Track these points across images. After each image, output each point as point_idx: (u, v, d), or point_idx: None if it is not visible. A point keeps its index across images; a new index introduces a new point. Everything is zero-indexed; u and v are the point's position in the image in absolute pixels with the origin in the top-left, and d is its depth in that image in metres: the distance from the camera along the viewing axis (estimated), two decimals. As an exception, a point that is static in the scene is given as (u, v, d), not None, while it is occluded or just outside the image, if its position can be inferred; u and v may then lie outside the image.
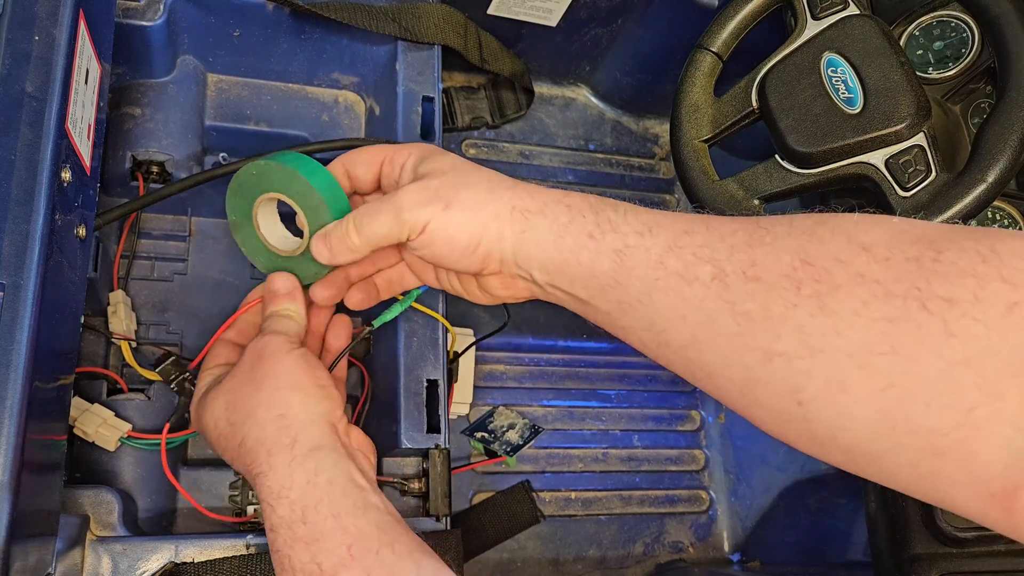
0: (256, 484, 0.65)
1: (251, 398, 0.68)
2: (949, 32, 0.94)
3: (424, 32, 1.01)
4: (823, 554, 1.21)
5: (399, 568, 0.58)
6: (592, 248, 0.59)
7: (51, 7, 0.65)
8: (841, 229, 0.49)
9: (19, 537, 0.55)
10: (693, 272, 0.53)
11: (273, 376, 0.69)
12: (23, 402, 0.56)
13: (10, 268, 0.58)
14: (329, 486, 0.62)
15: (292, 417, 0.66)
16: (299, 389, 0.68)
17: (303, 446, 0.65)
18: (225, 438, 0.69)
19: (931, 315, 0.43)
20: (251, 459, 0.66)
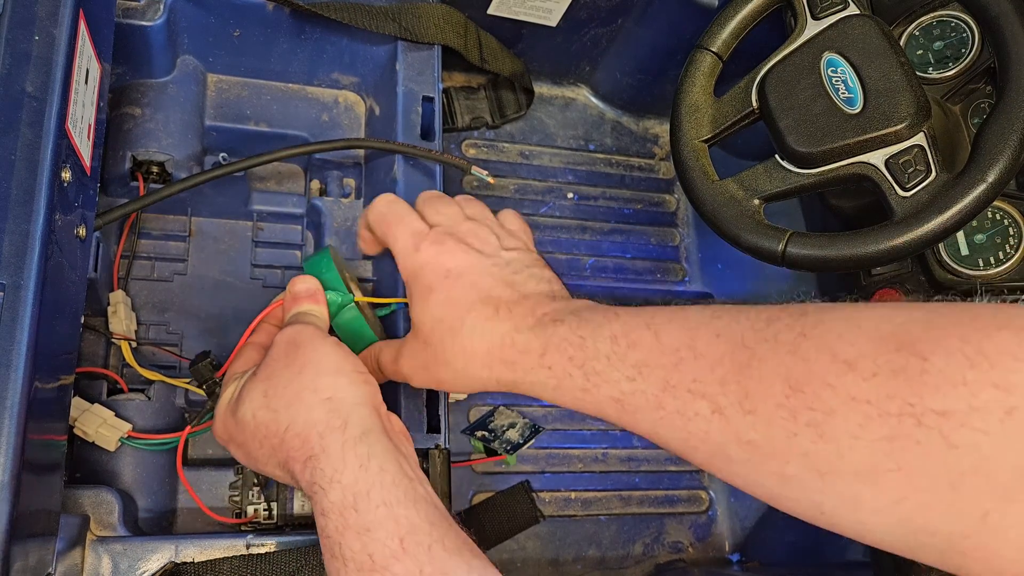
0: (306, 469, 0.64)
1: (293, 382, 0.67)
2: (949, 32, 0.94)
3: (424, 32, 1.01)
4: (822, 554, 1.20)
5: (451, 566, 0.58)
6: (590, 401, 0.61)
7: (51, 7, 0.65)
8: (825, 346, 0.49)
9: (19, 537, 0.55)
10: (692, 408, 0.54)
11: (314, 361, 0.68)
12: (23, 402, 0.56)
13: (10, 268, 0.58)
14: (380, 473, 0.62)
15: (340, 400, 0.66)
16: (342, 373, 0.68)
17: (354, 428, 0.64)
18: (265, 427, 0.67)
19: (929, 430, 0.43)
20: (300, 443, 0.65)
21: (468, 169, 0.93)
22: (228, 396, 0.74)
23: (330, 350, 0.70)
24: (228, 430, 0.72)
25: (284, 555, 0.77)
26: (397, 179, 0.96)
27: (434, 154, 0.95)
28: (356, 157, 1.07)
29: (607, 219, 1.36)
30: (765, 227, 0.85)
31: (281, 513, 0.88)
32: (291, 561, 0.76)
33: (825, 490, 0.48)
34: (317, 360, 0.68)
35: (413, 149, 0.95)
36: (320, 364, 0.68)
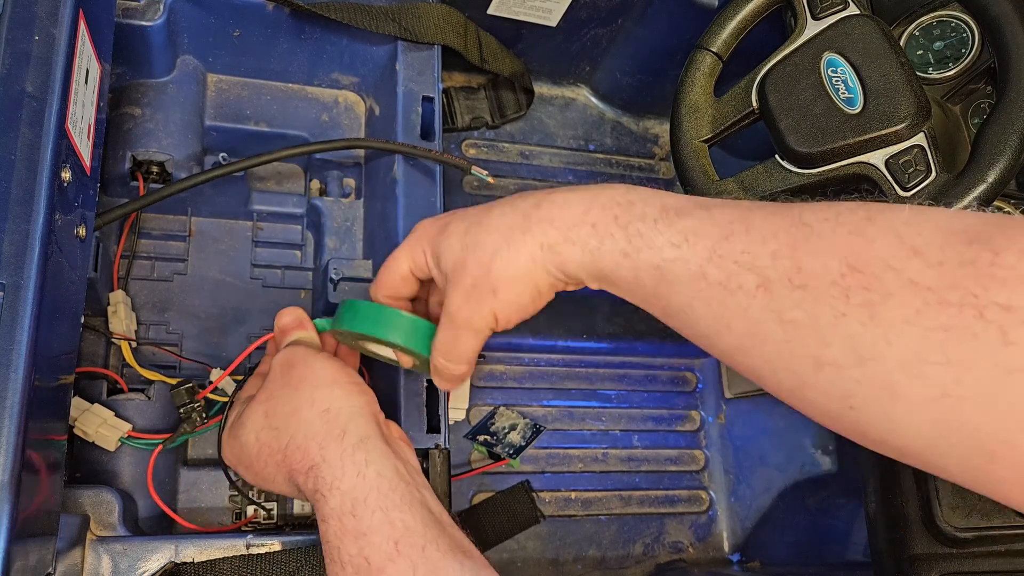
0: (308, 479, 0.65)
1: (292, 400, 0.69)
2: (949, 32, 0.94)
3: (424, 32, 1.01)
4: (822, 554, 1.21)
5: (443, 565, 0.59)
6: (629, 266, 0.57)
7: (51, 7, 0.65)
8: (891, 229, 0.47)
9: (19, 537, 0.55)
10: (736, 282, 0.51)
11: (309, 376, 0.70)
12: (23, 402, 0.56)
13: (10, 268, 0.58)
14: (378, 479, 0.63)
15: (337, 411, 0.67)
16: (336, 385, 0.69)
17: (352, 436, 0.66)
18: (268, 446, 0.69)
19: (988, 323, 0.41)
20: (301, 455, 0.66)
21: (468, 169, 0.93)
22: (231, 421, 0.75)
23: (324, 364, 0.71)
24: (234, 453, 0.74)
25: (284, 555, 0.77)
26: (397, 179, 0.96)
27: (434, 154, 0.95)
28: (356, 157, 1.07)
29: (607, 219, 1.36)
30: (765, 227, 0.85)
31: (281, 513, 0.88)
32: (291, 561, 0.76)
33: (862, 379, 0.45)
34: (312, 375, 0.70)
35: (413, 149, 0.95)
36: (315, 378, 0.70)
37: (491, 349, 1.24)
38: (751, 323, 0.51)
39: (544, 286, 0.63)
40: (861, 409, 0.46)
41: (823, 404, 0.49)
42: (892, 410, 0.45)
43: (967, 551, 0.86)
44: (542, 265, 0.61)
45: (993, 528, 0.84)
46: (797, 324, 0.48)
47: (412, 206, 0.95)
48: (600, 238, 0.59)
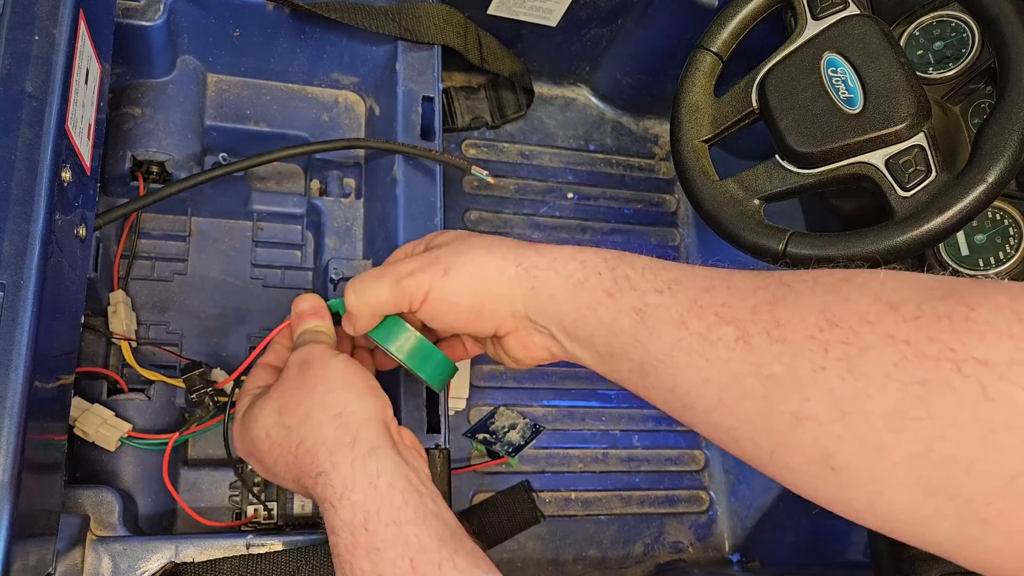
0: (317, 485, 0.64)
1: (304, 400, 0.68)
2: (949, 32, 0.94)
3: (424, 32, 1.01)
4: (823, 554, 1.20)
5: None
6: (611, 306, 0.58)
7: (51, 7, 0.65)
8: (867, 287, 0.48)
9: (19, 537, 0.55)
10: (716, 333, 0.52)
11: (324, 379, 0.68)
12: (23, 402, 0.56)
13: (10, 268, 0.58)
14: (390, 490, 0.61)
15: (349, 416, 0.66)
16: (351, 389, 0.68)
17: (363, 444, 0.64)
18: (279, 444, 0.68)
19: (966, 378, 0.41)
20: (311, 459, 0.64)
21: (468, 169, 0.93)
22: (241, 414, 0.74)
23: (339, 366, 0.69)
24: (245, 446, 0.73)
25: (284, 555, 0.77)
26: (397, 179, 0.96)
27: (434, 154, 0.95)
28: (356, 157, 1.07)
29: (607, 219, 1.36)
30: (765, 227, 0.85)
31: (281, 513, 0.88)
32: (291, 561, 0.76)
33: (844, 435, 0.45)
34: (326, 377, 0.68)
35: (413, 149, 0.95)
36: (329, 381, 0.68)
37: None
38: (730, 376, 0.51)
39: (488, 313, 0.64)
40: (843, 470, 0.46)
41: (804, 467, 0.48)
42: (876, 467, 0.44)
43: (967, 551, 0.86)
44: (511, 279, 0.63)
45: (993, 528, 0.84)
46: (776, 378, 0.48)
47: (412, 206, 0.95)
48: (585, 272, 0.60)
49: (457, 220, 1.28)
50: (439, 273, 0.65)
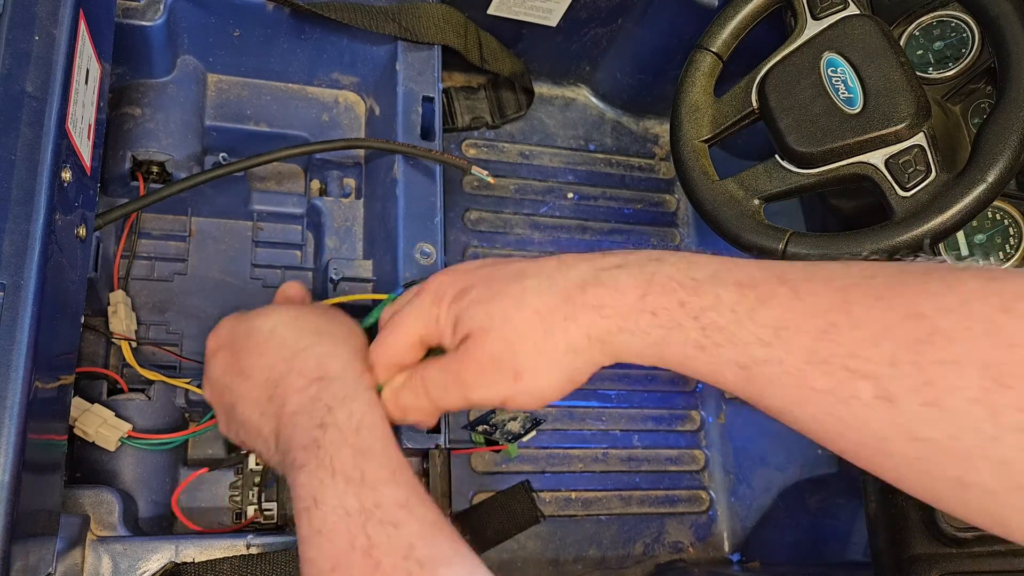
0: (312, 385, 0.63)
1: (324, 316, 0.71)
2: (949, 32, 0.94)
3: (424, 32, 1.01)
4: (823, 554, 1.20)
5: (435, 508, 0.58)
6: (706, 360, 0.50)
7: (51, 7, 0.65)
8: None
9: (19, 537, 0.55)
10: (849, 390, 0.44)
11: (338, 312, 0.73)
12: (23, 402, 0.56)
13: (10, 268, 0.58)
14: (384, 420, 0.62)
15: (362, 342, 0.68)
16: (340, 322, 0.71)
17: (367, 386, 0.64)
18: (283, 340, 0.68)
19: None
20: (316, 363, 0.64)
21: (468, 169, 0.93)
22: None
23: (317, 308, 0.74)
24: (225, 362, 0.71)
25: (284, 555, 0.77)
26: (397, 179, 0.96)
27: (434, 154, 0.95)
28: (356, 157, 1.07)
29: (607, 219, 1.36)
30: (765, 227, 0.85)
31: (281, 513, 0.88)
32: (292, 561, 0.76)
33: (1020, 505, 0.40)
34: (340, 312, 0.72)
35: (413, 149, 0.95)
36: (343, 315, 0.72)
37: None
38: (872, 436, 0.44)
39: (581, 375, 0.56)
40: (1015, 529, 0.41)
41: (967, 516, 0.43)
42: None
43: (967, 551, 0.86)
44: (587, 357, 0.55)
45: (993, 528, 0.84)
46: (934, 444, 0.42)
47: (412, 206, 0.95)
48: (666, 328, 0.51)
49: (457, 220, 1.28)
50: (509, 380, 0.56)
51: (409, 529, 0.54)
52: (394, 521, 0.54)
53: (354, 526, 0.54)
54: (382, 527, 0.54)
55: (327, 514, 0.55)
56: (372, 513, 0.55)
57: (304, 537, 0.56)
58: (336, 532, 0.55)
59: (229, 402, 0.70)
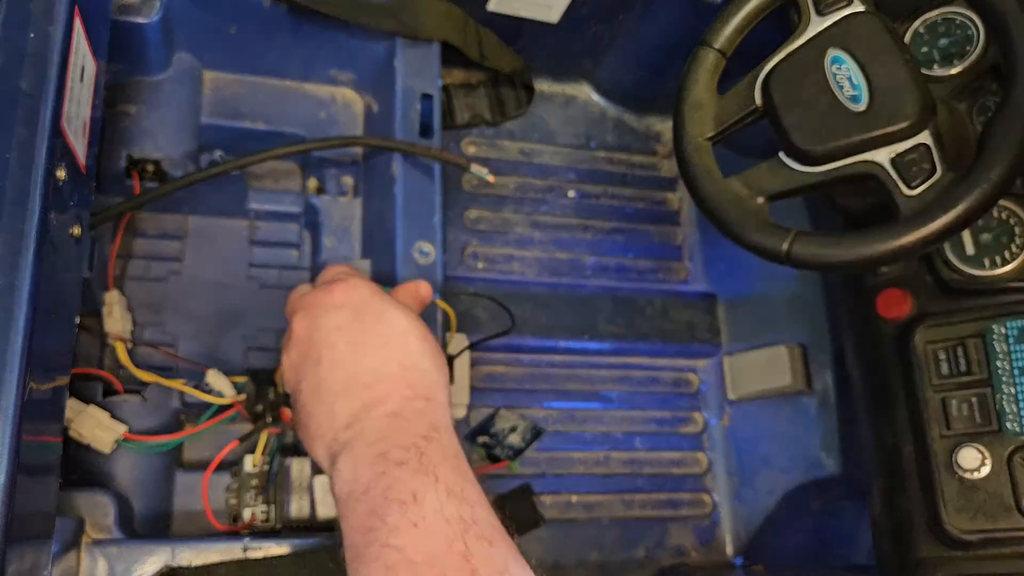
0: (423, 405, 0.68)
1: (417, 323, 0.74)
2: (954, 29, 0.94)
3: (423, 28, 1.00)
4: (827, 557, 1.20)
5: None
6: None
7: (46, 4, 0.65)
8: None
9: (14, 540, 0.55)
10: None
11: (419, 324, 0.74)
12: (17, 404, 0.56)
13: (4, 268, 0.58)
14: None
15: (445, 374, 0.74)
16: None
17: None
18: (416, 331, 0.72)
19: None
20: (427, 385, 0.69)
21: (467, 167, 0.93)
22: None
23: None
24: (343, 320, 0.72)
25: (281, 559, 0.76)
26: (395, 177, 0.95)
27: (433, 152, 0.94)
28: (354, 155, 1.06)
29: (609, 218, 1.36)
30: (770, 226, 0.84)
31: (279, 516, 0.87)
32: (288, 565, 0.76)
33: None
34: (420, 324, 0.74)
35: (412, 147, 0.94)
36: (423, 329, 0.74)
37: (491, 350, 1.24)
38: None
39: None
40: None
41: None
42: None
43: (973, 554, 0.85)
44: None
45: (999, 531, 0.83)
46: None
47: (411, 205, 0.95)
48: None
49: (457, 219, 1.27)
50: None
51: (503, 550, 0.59)
52: (490, 539, 0.59)
53: (453, 532, 0.58)
54: (479, 541, 0.58)
55: (427, 513, 0.59)
56: (470, 526, 0.59)
57: (394, 526, 0.59)
58: (435, 531, 0.58)
59: (317, 355, 0.71)
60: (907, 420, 0.91)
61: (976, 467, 0.85)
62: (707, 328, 1.34)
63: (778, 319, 1.29)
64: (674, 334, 1.32)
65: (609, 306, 1.30)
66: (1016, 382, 0.84)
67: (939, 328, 0.90)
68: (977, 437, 0.86)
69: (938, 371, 0.89)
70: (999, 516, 0.83)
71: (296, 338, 0.73)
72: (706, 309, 1.35)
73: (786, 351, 1.24)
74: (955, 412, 0.87)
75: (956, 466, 0.85)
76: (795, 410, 1.25)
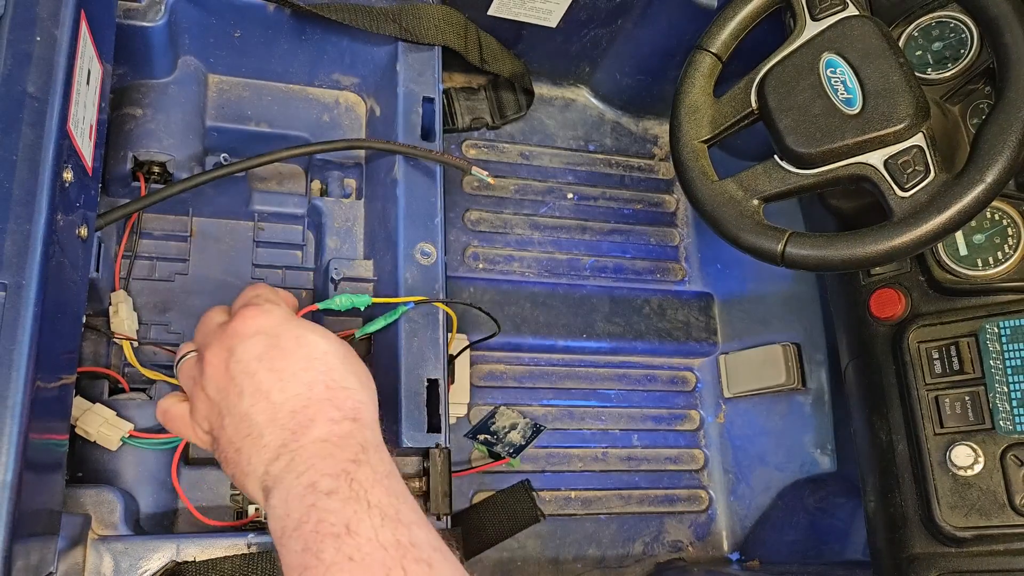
0: (350, 427, 0.65)
1: (341, 346, 0.71)
2: (948, 33, 0.94)
3: (424, 33, 1.01)
4: (822, 553, 1.21)
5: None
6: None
7: (52, 8, 0.65)
8: None
9: (21, 536, 0.55)
10: None
11: (336, 341, 0.71)
12: (25, 402, 0.57)
13: (12, 268, 0.58)
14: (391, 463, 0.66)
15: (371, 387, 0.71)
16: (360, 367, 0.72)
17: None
18: (334, 379, 0.68)
19: None
20: (353, 406, 0.66)
21: (468, 169, 0.93)
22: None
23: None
24: (260, 348, 0.68)
25: (285, 554, 0.76)
26: (398, 179, 0.96)
27: (434, 154, 0.95)
28: (357, 157, 1.07)
29: (607, 219, 1.36)
30: (764, 227, 0.85)
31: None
32: (292, 560, 0.76)
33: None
34: (336, 341, 0.71)
35: (413, 150, 0.95)
36: (341, 345, 0.71)
37: (491, 349, 1.25)
38: None
39: None
40: None
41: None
42: None
43: (966, 550, 0.86)
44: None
45: (992, 527, 0.84)
46: None
47: (413, 206, 0.95)
48: None
49: (457, 220, 1.28)
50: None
51: (442, 570, 0.57)
52: (429, 561, 0.57)
53: (390, 559, 0.56)
54: (418, 565, 0.56)
55: (362, 543, 0.57)
56: (408, 550, 0.57)
57: (330, 562, 0.57)
58: (372, 562, 0.56)
59: (239, 388, 0.67)
60: (901, 418, 0.91)
61: (969, 464, 0.85)
62: (703, 327, 1.35)
63: (773, 318, 1.30)
64: (671, 333, 1.33)
65: (607, 306, 1.31)
66: (1009, 381, 0.85)
67: (932, 328, 0.90)
68: (970, 435, 0.86)
69: (931, 370, 0.89)
70: (992, 513, 0.84)
71: (213, 372, 0.68)
72: (702, 308, 1.36)
73: (781, 350, 1.25)
74: (948, 410, 0.88)
75: (949, 463, 0.86)
76: (790, 408, 1.26)
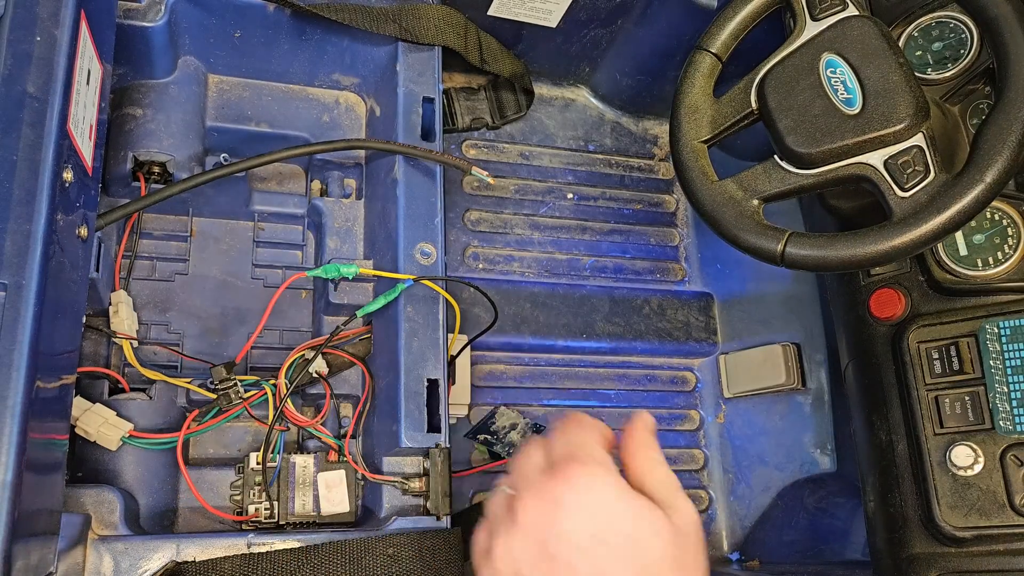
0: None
1: None
2: (948, 33, 0.94)
3: (424, 33, 1.01)
4: (822, 553, 1.21)
5: None
6: None
7: (52, 8, 0.65)
8: None
9: (21, 536, 0.56)
10: None
11: None
12: (25, 402, 0.57)
13: (12, 268, 0.59)
14: None
15: None
16: None
17: None
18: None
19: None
20: None
21: (468, 169, 0.93)
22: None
23: None
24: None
25: (285, 554, 0.77)
26: (398, 179, 0.96)
27: (434, 154, 0.95)
28: (357, 157, 1.07)
29: (607, 219, 1.36)
30: (764, 227, 0.85)
31: (282, 512, 0.88)
32: (291, 560, 0.77)
33: None
34: None
35: (414, 150, 0.95)
36: None
37: (491, 349, 1.25)
38: None
39: None
40: None
41: None
42: None
43: (966, 550, 0.86)
44: None
45: (992, 527, 0.84)
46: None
47: (413, 206, 0.95)
48: None
49: (457, 220, 1.28)
50: None
51: None
52: None
53: None
54: None
55: None
56: None
57: None
58: None
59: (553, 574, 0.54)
60: (901, 418, 0.91)
61: (969, 464, 0.85)
62: (703, 327, 1.35)
63: (773, 318, 1.30)
64: (671, 333, 1.33)
65: (607, 306, 1.31)
66: (1009, 381, 0.85)
67: (932, 328, 0.90)
68: (970, 435, 0.86)
69: (931, 370, 0.89)
70: (992, 513, 0.84)
71: (525, 534, 0.56)
72: (702, 309, 1.36)
73: (781, 350, 1.25)
74: (948, 410, 0.88)
75: (949, 463, 0.86)
76: (790, 408, 1.26)
